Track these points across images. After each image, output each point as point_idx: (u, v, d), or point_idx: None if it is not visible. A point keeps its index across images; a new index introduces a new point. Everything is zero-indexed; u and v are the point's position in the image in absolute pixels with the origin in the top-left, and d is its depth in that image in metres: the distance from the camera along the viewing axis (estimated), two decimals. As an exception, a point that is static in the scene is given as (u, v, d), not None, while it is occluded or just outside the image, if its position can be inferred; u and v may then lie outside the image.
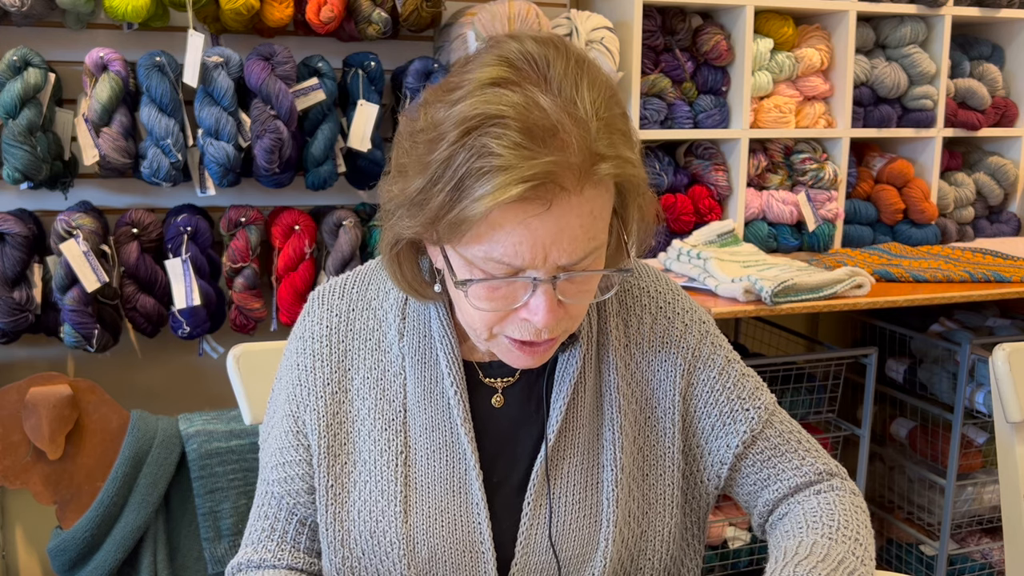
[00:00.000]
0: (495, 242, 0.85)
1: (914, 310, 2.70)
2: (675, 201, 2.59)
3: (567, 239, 0.85)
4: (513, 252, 0.85)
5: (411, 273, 0.99)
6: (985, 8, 2.85)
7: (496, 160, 0.80)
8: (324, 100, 2.22)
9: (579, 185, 0.83)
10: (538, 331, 0.90)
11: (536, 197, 0.82)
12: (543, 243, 0.85)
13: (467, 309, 0.93)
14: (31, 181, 2.06)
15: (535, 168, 0.80)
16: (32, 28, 2.17)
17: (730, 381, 1.08)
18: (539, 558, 1.01)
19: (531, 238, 0.84)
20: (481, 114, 0.82)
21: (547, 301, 0.88)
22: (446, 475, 1.01)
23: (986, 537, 2.71)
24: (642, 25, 2.46)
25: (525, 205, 0.83)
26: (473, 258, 0.87)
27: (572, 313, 0.93)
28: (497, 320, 0.92)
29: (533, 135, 0.81)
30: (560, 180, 0.82)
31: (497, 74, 0.84)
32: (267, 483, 1.08)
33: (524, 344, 0.93)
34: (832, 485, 1.08)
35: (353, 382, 1.05)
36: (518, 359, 0.95)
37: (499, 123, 0.81)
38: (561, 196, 0.83)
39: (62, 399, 2.03)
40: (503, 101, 0.82)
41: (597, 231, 0.87)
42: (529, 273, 0.87)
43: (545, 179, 0.81)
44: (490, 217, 0.83)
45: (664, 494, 1.06)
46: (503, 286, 0.88)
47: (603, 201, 0.87)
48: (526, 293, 0.88)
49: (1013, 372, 1.42)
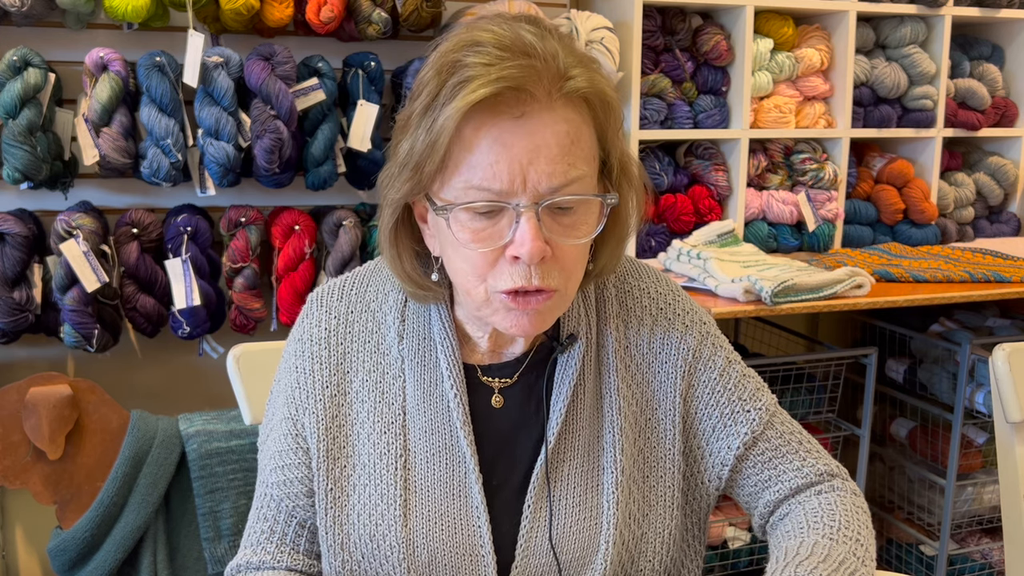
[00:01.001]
0: (473, 165, 0.87)
1: (914, 310, 2.70)
2: (675, 201, 2.59)
3: (544, 158, 0.86)
4: (491, 174, 0.86)
5: (409, 263, 1.00)
6: (985, 8, 2.85)
7: (468, 71, 0.86)
8: (324, 100, 2.22)
9: (549, 96, 0.87)
10: (528, 271, 0.89)
11: (508, 105, 0.86)
12: (520, 161, 0.86)
13: (458, 261, 0.92)
14: (31, 181, 2.06)
15: (504, 71, 0.85)
16: (32, 28, 2.17)
17: (731, 382, 1.08)
18: (539, 560, 1.01)
19: (507, 155, 0.86)
20: (461, 41, 0.88)
21: (531, 229, 0.87)
22: (446, 478, 1.01)
23: (986, 537, 2.71)
24: (642, 25, 2.46)
25: (497, 115, 0.86)
26: (455, 194, 0.89)
27: (563, 260, 0.92)
28: (487, 267, 0.91)
29: (505, 48, 0.87)
30: (530, 86, 0.86)
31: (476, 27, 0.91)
32: (266, 485, 1.08)
33: (518, 296, 0.91)
34: (833, 486, 1.07)
35: (352, 385, 1.05)
36: (516, 320, 0.93)
37: (476, 46, 0.87)
38: (533, 107, 0.86)
39: (62, 399, 2.03)
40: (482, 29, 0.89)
41: (576, 158, 0.89)
42: (511, 200, 0.87)
43: (513, 83, 0.85)
44: (464, 136, 0.86)
45: (664, 496, 1.06)
46: (488, 226, 0.89)
47: (578, 124, 0.90)
48: (511, 228, 0.89)
49: (1013, 372, 1.42)
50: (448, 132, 0.86)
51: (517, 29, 0.89)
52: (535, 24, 0.91)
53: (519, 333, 0.96)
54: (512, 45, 0.87)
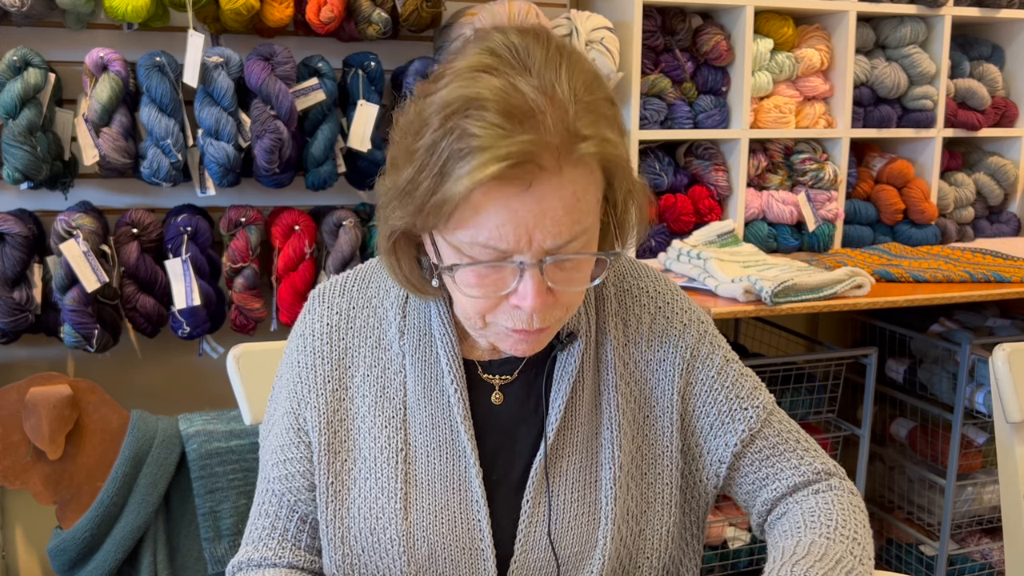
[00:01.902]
0: (479, 226, 0.85)
1: (914, 310, 2.70)
2: (675, 201, 2.59)
3: (550, 221, 0.85)
4: (497, 235, 0.85)
5: (408, 268, 1.00)
6: (985, 8, 2.85)
7: (474, 141, 0.82)
8: (324, 100, 2.22)
9: (558, 164, 0.84)
10: (529, 318, 0.90)
11: (515, 177, 0.83)
12: (526, 225, 0.85)
13: (459, 297, 0.93)
14: (31, 181, 2.06)
15: (511, 147, 0.81)
16: (32, 28, 2.17)
17: (728, 380, 1.08)
18: (538, 555, 1.01)
19: (513, 219, 0.85)
20: (460, 97, 0.83)
21: (535, 285, 0.88)
22: (446, 472, 1.02)
23: (986, 537, 2.71)
24: (642, 25, 2.46)
25: (504, 185, 0.83)
26: (460, 244, 0.88)
27: (564, 301, 0.93)
28: (489, 308, 0.92)
29: (511, 116, 0.82)
30: (538, 159, 0.83)
31: (478, 62, 0.86)
32: (268, 481, 1.08)
33: (518, 331, 0.93)
34: (830, 485, 1.08)
35: (353, 379, 1.05)
36: (515, 344, 0.95)
37: (478, 106, 0.83)
38: (541, 176, 0.84)
39: (62, 399, 2.03)
40: (482, 85, 0.83)
41: (582, 214, 0.88)
42: (515, 258, 0.87)
43: (522, 158, 0.82)
44: (472, 199, 0.84)
45: (663, 493, 1.06)
46: (491, 273, 0.89)
47: (586, 183, 0.87)
48: (514, 279, 0.89)
49: (1013, 372, 1.42)
50: (455, 200, 0.84)
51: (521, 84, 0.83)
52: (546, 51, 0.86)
53: (519, 355, 0.97)
54: (519, 111, 0.82)
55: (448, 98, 0.84)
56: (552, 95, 0.84)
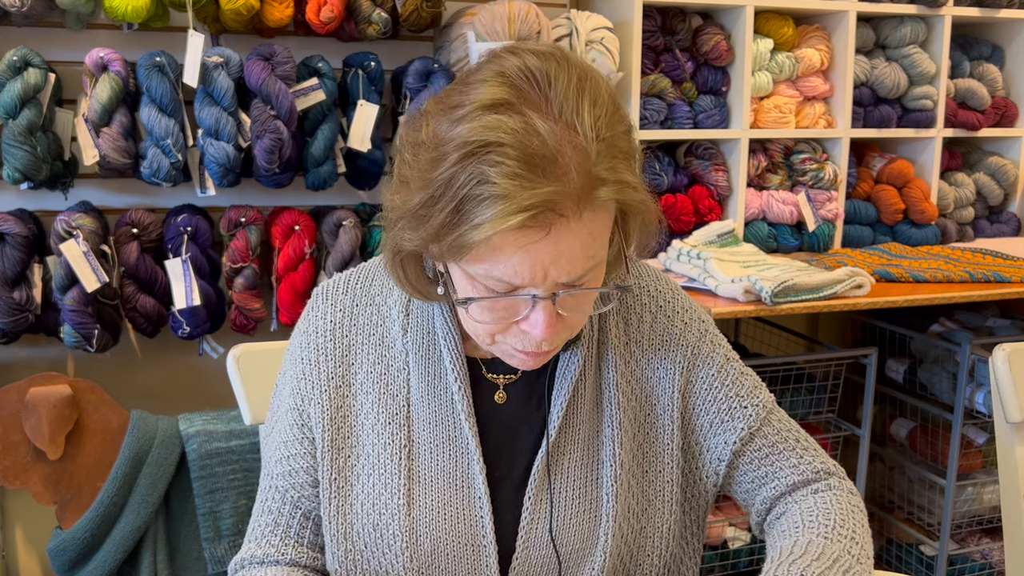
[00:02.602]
0: (496, 262, 0.86)
1: (914, 310, 2.70)
2: (675, 201, 2.59)
3: (566, 259, 0.86)
4: (513, 272, 0.86)
5: (414, 276, 1.00)
6: (985, 8, 2.85)
7: (494, 188, 0.81)
8: (324, 100, 2.22)
9: (578, 211, 0.84)
10: (538, 343, 0.92)
11: (535, 225, 0.83)
12: (543, 264, 0.86)
13: (468, 319, 0.94)
14: (31, 181, 2.06)
15: (533, 199, 0.81)
16: (32, 28, 2.17)
17: (728, 379, 1.09)
18: (540, 552, 1.02)
19: (531, 260, 0.85)
20: (480, 140, 0.82)
21: (546, 317, 0.89)
22: (449, 469, 1.02)
23: (986, 537, 2.71)
24: (642, 25, 2.46)
25: (524, 232, 0.83)
26: (475, 274, 0.88)
27: (571, 324, 0.94)
28: (498, 331, 0.93)
29: (531, 164, 0.81)
30: (559, 208, 0.83)
31: (497, 96, 0.84)
32: (271, 477, 1.08)
33: (526, 352, 0.95)
34: (830, 484, 1.08)
35: (357, 377, 1.06)
36: (520, 362, 0.97)
37: (497, 151, 0.81)
38: (560, 222, 0.84)
39: (62, 399, 2.03)
40: (502, 127, 0.82)
41: (596, 249, 0.89)
42: (528, 291, 0.88)
43: (543, 208, 0.82)
44: (490, 241, 0.84)
45: (663, 491, 1.07)
46: (503, 300, 0.90)
47: (602, 222, 0.88)
48: (526, 308, 0.90)
49: (1013, 372, 1.42)
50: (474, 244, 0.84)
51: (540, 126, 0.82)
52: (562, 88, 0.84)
53: (524, 369, 1.00)
54: (539, 158, 0.81)
55: (467, 138, 0.83)
56: (573, 139, 0.83)
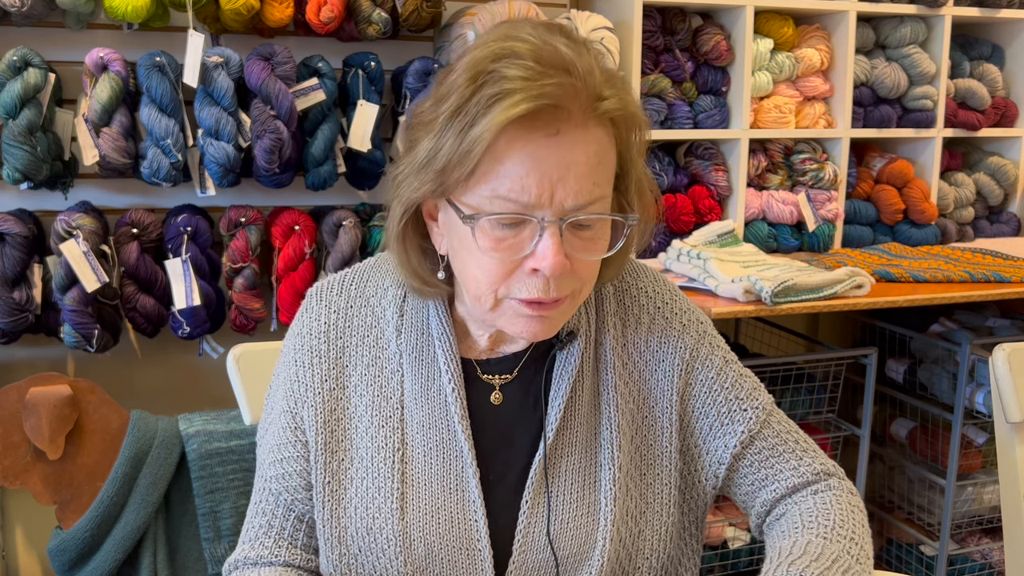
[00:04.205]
0: (502, 176, 0.87)
1: (914, 310, 2.69)
2: (675, 201, 2.59)
3: (573, 176, 0.87)
4: (520, 186, 0.86)
5: (417, 260, 1.00)
6: (985, 8, 2.85)
7: (507, 84, 0.85)
8: (324, 100, 2.22)
9: (584, 117, 0.87)
10: (546, 283, 0.90)
11: (544, 121, 0.85)
12: (550, 177, 0.86)
13: (473, 268, 0.92)
14: (31, 181, 2.06)
15: (544, 88, 0.84)
16: (32, 28, 2.17)
17: (728, 381, 1.08)
18: (537, 556, 1.01)
19: (538, 170, 0.86)
20: (492, 53, 0.87)
21: (555, 244, 0.88)
22: (443, 472, 1.01)
23: (986, 537, 2.71)
24: (642, 25, 2.46)
25: (531, 131, 0.86)
26: (480, 202, 0.89)
27: (579, 273, 0.93)
28: (503, 276, 0.91)
29: (545, 63, 0.86)
30: (568, 104, 0.86)
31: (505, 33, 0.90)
32: (264, 479, 1.08)
33: (532, 303, 0.92)
34: (829, 485, 1.08)
35: (351, 379, 1.05)
36: (527, 324, 0.94)
37: (514, 57, 0.86)
38: (567, 124, 0.86)
39: (62, 399, 2.03)
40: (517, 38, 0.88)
41: (601, 178, 0.90)
42: (536, 213, 0.88)
43: (553, 100, 0.85)
44: (497, 148, 0.86)
45: (661, 493, 1.06)
46: (510, 236, 0.89)
47: (606, 144, 0.90)
48: (533, 240, 0.89)
49: (1013, 372, 1.42)
50: (484, 143, 0.85)
51: (554, 41, 0.88)
52: (569, 36, 0.91)
53: (530, 338, 0.97)
54: (551, 60, 0.86)
55: (479, 55, 0.88)
56: (581, 56, 0.88)
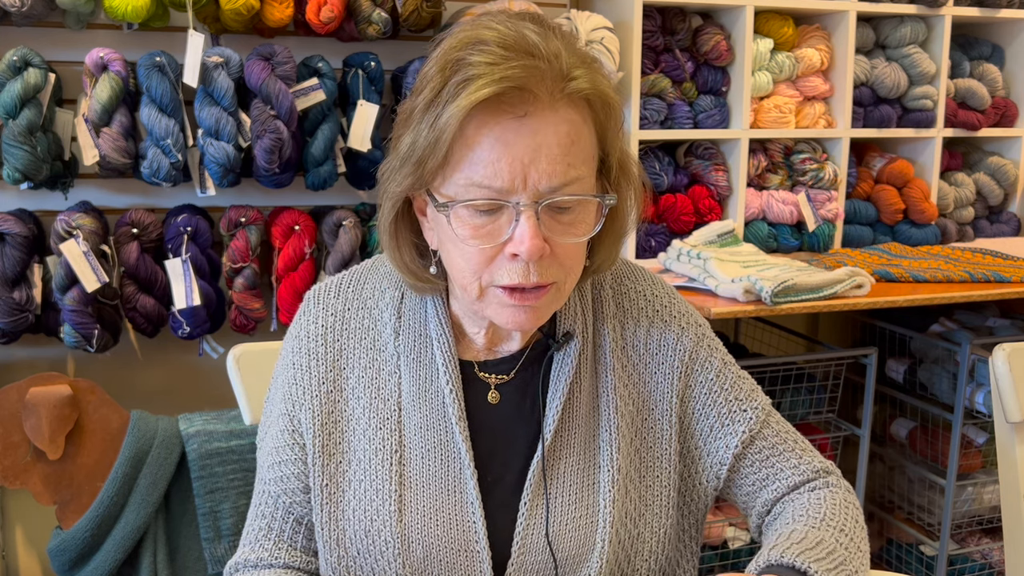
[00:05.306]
0: (475, 163, 0.88)
1: (914, 310, 2.69)
2: (675, 201, 2.59)
3: (545, 158, 0.88)
4: (492, 171, 0.87)
5: (409, 257, 1.01)
6: (985, 8, 2.85)
7: (472, 70, 0.86)
8: (324, 100, 2.22)
9: (552, 97, 0.88)
10: (526, 268, 0.90)
11: (511, 104, 0.86)
12: (521, 160, 0.87)
13: (456, 257, 0.93)
14: (31, 181, 2.06)
15: (508, 71, 0.86)
16: (32, 28, 2.17)
17: (727, 383, 1.09)
18: (536, 557, 1.01)
19: (509, 154, 0.87)
20: (462, 40, 0.89)
21: (531, 227, 0.89)
22: (441, 474, 1.01)
23: (986, 537, 2.71)
24: (642, 25, 2.46)
25: (499, 115, 0.87)
26: (456, 191, 0.90)
27: (561, 258, 0.93)
28: (485, 263, 0.92)
29: (510, 48, 0.87)
30: (533, 86, 0.87)
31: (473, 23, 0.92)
32: (264, 482, 1.08)
33: (515, 292, 0.92)
34: (828, 482, 1.09)
35: (348, 381, 1.05)
36: (512, 314, 0.94)
37: (479, 44, 0.88)
38: (535, 107, 0.87)
39: (62, 399, 2.03)
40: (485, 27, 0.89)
41: (576, 158, 0.90)
42: (511, 198, 0.88)
43: (517, 83, 0.86)
44: (467, 133, 0.87)
45: (660, 495, 1.07)
46: (487, 223, 0.90)
47: (579, 124, 0.90)
48: (510, 226, 0.90)
49: (1013, 372, 1.42)
50: (451, 130, 0.87)
51: (520, 28, 0.89)
52: (538, 23, 0.91)
53: (516, 328, 0.97)
54: (516, 44, 0.88)
55: (448, 46, 0.90)
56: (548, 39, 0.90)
